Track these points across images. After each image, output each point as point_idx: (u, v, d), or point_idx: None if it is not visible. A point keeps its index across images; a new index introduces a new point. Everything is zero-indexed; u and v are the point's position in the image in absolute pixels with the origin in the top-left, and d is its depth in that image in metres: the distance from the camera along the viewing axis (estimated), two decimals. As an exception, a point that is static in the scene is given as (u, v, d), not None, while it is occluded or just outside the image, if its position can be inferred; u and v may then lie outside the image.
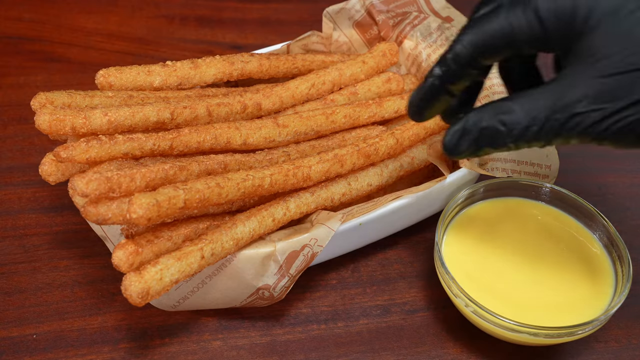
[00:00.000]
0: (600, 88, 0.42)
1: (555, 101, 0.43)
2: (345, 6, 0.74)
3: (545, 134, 0.44)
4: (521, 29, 0.44)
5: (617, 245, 0.57)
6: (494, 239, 0.59)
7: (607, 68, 0.42)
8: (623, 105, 0.42)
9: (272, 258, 0.53)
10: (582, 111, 0.42)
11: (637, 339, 0.59)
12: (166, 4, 0.93)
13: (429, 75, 0.48)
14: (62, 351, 0.55)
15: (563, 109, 0.43)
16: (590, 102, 0.42)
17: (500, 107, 0.45)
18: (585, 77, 0.42)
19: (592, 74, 0.42)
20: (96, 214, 0.47)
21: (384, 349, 0.57)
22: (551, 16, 0.43)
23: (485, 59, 0.46)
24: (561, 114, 0.43)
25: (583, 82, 0.42)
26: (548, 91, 0.44)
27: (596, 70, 0.42)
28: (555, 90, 0.44)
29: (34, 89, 0.78)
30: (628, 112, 0.42)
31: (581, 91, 0.42)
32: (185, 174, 0.53)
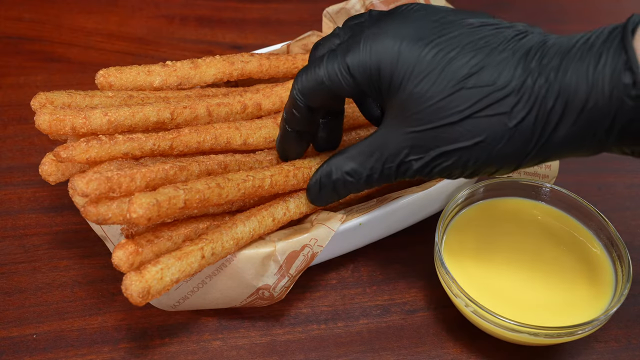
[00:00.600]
0: (413, 142, 0.48)
1: (383, 153, 0.50)
2: (345, 6, 0.74)
3: (388, 177, 0.51)
4: (338, 81, 0.49)
5: (617, 245, 0.57)
6: (494, 239, 0.59)
7: (414, 124, 0.47)
8: (435, 155, 0.47)
9: (272, 258, 0.53)
10: (406, 160, 0.49)
11: (637, 339, 0.59)
12: (166, 4, 0.93)
13: (282, 120, 0.55)
14: (62, 351, 0.55)
15: (391, 159, 0.49)
16: (409, 153, 0.48)
17: (341, 164, 0.52)
18: (401, 131, 0.48)
19: (405, 130, 0.48)
20: (96, 213, 0.47)
21: (384, 349, 0.57)
22: (360, 73, 0.48)
23: (315, 102, 0.52)
24: (390, 163, 0.50)
25: (400, 136, 0.48)
26: (375, 144, 0.50)
27: (407, 126, 0.48)
28: (381, 144, 0.50)
29: (34, 89, 0.78)
30: (441, 160, 0.47)
31: (401, 144, 0.48)
32: (185, 174, 0.53)
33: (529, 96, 0.44)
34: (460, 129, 0.46)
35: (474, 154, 0.46)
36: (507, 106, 0.44)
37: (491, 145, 0.45)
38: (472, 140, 0.46)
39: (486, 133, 0.45)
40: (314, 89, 0.50)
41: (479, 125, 0.45)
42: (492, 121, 0.45)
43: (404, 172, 0.50)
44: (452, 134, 0.46)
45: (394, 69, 0.47)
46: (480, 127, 0.45)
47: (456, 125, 0.46)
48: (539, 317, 0.53)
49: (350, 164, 0.52)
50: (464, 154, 0.46)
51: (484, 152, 0.46)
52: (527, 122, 0.44)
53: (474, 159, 0.46)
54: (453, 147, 0.46)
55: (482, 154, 0.46)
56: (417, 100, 0.46)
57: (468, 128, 0.45)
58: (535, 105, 0.44)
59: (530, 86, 0.44)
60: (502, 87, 0.44)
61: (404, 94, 0.47)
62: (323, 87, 0.50)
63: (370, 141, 0.51)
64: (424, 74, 0.46)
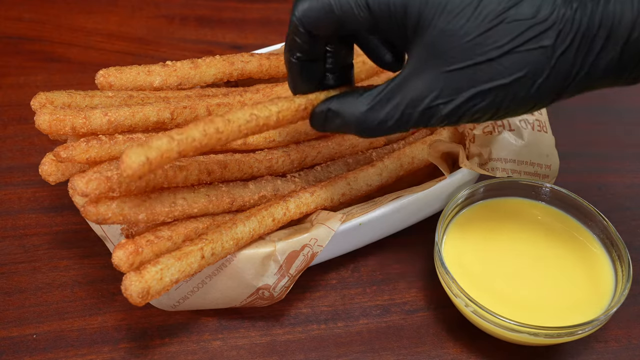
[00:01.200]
0: (444, 83, 0.45)
1: (405, 97, 0.46)
2: (345, 6, 0.74)
3: (404, 124, 0.47)
4: (352, 13, 0.46)
5: (617, 245, 0.57)
6: (494, 239, 0.59)
7: (447, 64, 0.44)
8: (468, 96, 0.44)
9: (272, 258, 0.53)
10: (433, 105, 0.45)
11: (637, 339, 0.59)
12: (166, 4, 0.93)
13: (285, 59, 0.51)
14: (62, 351, 0.55)
15: (413, 104, 0.46)
16: (438, 95, 0.45)
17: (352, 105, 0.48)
18: (430, 73, 0.45)
19: (435, 71, 0.45)
20: (96, 213, 0.47)
21: (384, 349, 0.57)
22: (380, 9, 0.45)
23: (317, 31, 0.48)
24: (412, 109, 0.46)
25: (429, 78, 0.45)
26: (396, 89, 0.46)
27: (437, 66, 0.45)
28: (403, 88, 0.46)
29: (34, 89, 0.78)
30: (475, 101, 0.45)
31: (429, 87, 0.45)
32: (185, 174, 0.53)
33: (571, 27, 0.42)
34: (499, 66, 0.43)
35: (512, 90, 0.44)
36: (549, 39, 0.43)
37: (531, 80, 0.44)
38: (511, 76, 0.43)
39: (527, 68, 0.43)
40: (319, 17, 0.47)
41: (520, 60, 0.43)
42: (534, 55, 0.43)
43: (429, 118, 0.46)
44: (490, 72, 0.44)
45: (423, 6, 0.44)
46: (521, 62, 0.43)
47: (494, 62, 0.43)
48: (539, 317, 0.53)
49: (363, 107, 0.48)
50: (501, 92, 0.44)
51: (523, 88, 0.44)
52: (568, 54, 0.43)
53: (511, 97, 0.44)
54: (490, 86, 0.44)
55: (520, 90, 0.44)
56: (451, 38, 0.44)
57: (507, 64, 0.43)
58: (577, 36, 0.42)
59: (571, 17, 0.42)
60: (544, 19, 0.42)
61: (434, 31, 0.44)
62: (330, 17, 0.47)
63: (390, 86, 0.47)
64: (458, 9, 0.43)
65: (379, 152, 0.64)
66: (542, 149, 0.63)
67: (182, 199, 0.52)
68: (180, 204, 0.51)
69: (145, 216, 0.49)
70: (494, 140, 0.61)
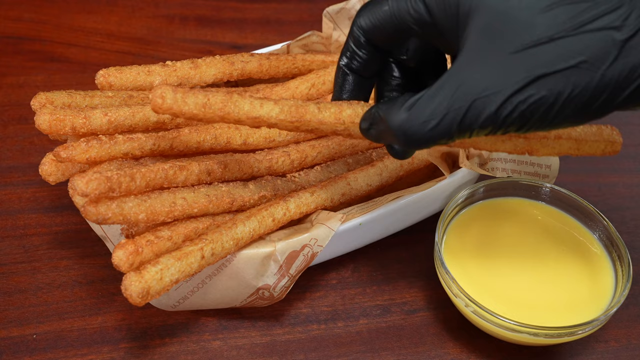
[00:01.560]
0: (498, 69, 0.40)
1: (453, 89, 0.41)
2: (345, 6, 0.74)
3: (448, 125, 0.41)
4: (408, 12, 0.44)
5: (617, 245, 0.57)
6: (494, 239, 0.59)
7: (502, 47, 0.40)
8: (524, 84, 0.40)
9: (272, 258, 0.53)
10: (482, 95, 0.40)
11: (637, 339, 0.59)
12: (166, 4, 0.93)
13: (338, 67, 0.49)
14: (62, 351, 0.55)
15: (462, 96, 0.40)
16: (489, 84, 0.40)
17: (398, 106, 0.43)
18: (483, 59, 0.40)
19: (490, 55, 0.40)
20: (96, 213, 0.47)
21: (384, 349, 0.57)
22: (436, 2, 0.43)
23: (379, 41, 0.47)
24: (461, 102, 0.41)
25: (481, 64, 0.40)
26: (445, 82, 0.42)
27: (492, 50, 0.40)
28: (452, 80, 0.41)
29: (34, 89, 0.78)
30: (529, 92, 0.40)
31: (480, 75, 0.40)
32: (185, 173, 0.53)
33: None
34: (558, 49, 0.39)
35: (573, 78, 0.39)
36: (617, 18, 0.39)
37: (595, 66, 0.39)
38: (572, 60, 0.39)
39: (590, 50, 0.39)
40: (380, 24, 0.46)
41: (583, 41, 0.39)
42: (599, 36, 0.39)
43: (477, 114, 0.40)
44: (548, 55, 0.39)
45: None
46: (584, 44, 0.39)
47: (553, 44, 0.39)
48: (539, 317, 0.53)
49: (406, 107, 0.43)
50: (561, 80, 0.39)
51: (586, 75, 0.39)
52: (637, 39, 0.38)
53: (571, 87, 0.39)
54: (548, 70, 0.39)
55: (582, 78, 0.39)
56: (507, 17, 0.40)
57: (568, 46, 0.39)
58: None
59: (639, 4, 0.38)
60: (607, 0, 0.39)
61: (490, 12, 0.40)
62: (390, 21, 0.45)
63: (437, 82, 0.42)
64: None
65: (379, 152, 0.64)
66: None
67: (182, 199, 0.52)
68: (180, 204, 0.51)
69: (145, 216, 0.49)
70: (494, 140, 0.61)
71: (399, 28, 0.45)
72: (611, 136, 0.54)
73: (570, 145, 0.52)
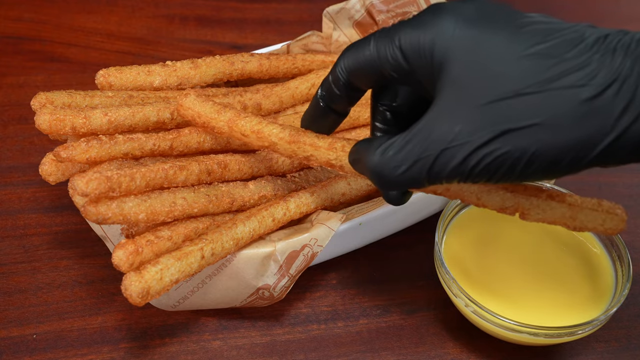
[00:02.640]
0: (466, 120, 0.40)
1: (424, 137, 0.42)
2: (345, 6, 0.74)
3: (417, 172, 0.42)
4: (387, 59, 0.45)
5: (617, 245, 0.57)
6: (494, 239, 0.59)
7: (470, 99, 0.41)
8: (489, 138, 0.40)
9: (272, 258, 0.53)
10: (450, 146, 0.41)
11: (637, 339, 0.59)
12: (166, 4, 0.93)
13: (314, 96, 0.51)
14: (62, 351, 0.55)
15: (432, 145, 0.41)
16: (457, 135, 0.41)
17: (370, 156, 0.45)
18: (452, 110, 0.41)
19: (458, 107, 0.41)
20: (96, 213, 0.47)
21: (384, 349, 0.57)
22: (412, 51, 0.43)
23: (359, 83, 0.48)
24: (430, 150, 0.42)
25: (450, 116, 0.41)
26: (417, 130, 0.42)
27: (461, 103, 0.41)
28: (424, 128, 0.42)
29: (34, 89, 0.78)
30: (495, 146, 0.40)
31: (447, 125, 0.41)
32: (185, 173, 0.53)
33: (609, 71, 0.38)
34: (523, 105, 0.39)
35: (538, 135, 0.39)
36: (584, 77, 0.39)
37: (559, 125, 0.39)
38: (536, 118, 0.39)
39: (555, 108, 0.39)
40: (363, 67, 0.46)
41: (548, 99, 0.39)
42: (564, 94, 0.39)
43: (445, 162, 0.41)
44: (513, 110, 0.39)
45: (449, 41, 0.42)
46: (549, 102, 0.39)
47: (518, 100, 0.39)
48: (539, 317, 0.53)
49: (379, 151, 0.44)
50: (525, 137, 0.39)
51: (550, 134, 0.39)
52: (605, 96, 0.38)
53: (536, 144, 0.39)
54: (513, 126, 0.39)
55: (546, 136, 0.39)
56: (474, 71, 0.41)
57: (533, 103, 0.39)
58: (619, 79, 0.38)
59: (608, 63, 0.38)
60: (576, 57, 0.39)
61: (460, 65, 0.41)
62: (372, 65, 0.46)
63: (410, 129, 0.43)
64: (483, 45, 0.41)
65: (379, 152, 0.64)
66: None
67: (182, 199, 0.52)
68: (180, 204, 0.51)
69: (145, 216, 0.49)
70: (494, 140, 0.61)
71: (380, 74, 0.46)
72: (612, 208, 0.48)
73: (563, 212, 0.48)
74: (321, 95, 0.51)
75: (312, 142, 0.50)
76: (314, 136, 0.51)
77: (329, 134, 0.53)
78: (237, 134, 0.53)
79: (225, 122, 0.53)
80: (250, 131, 0.52)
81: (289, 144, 0.51)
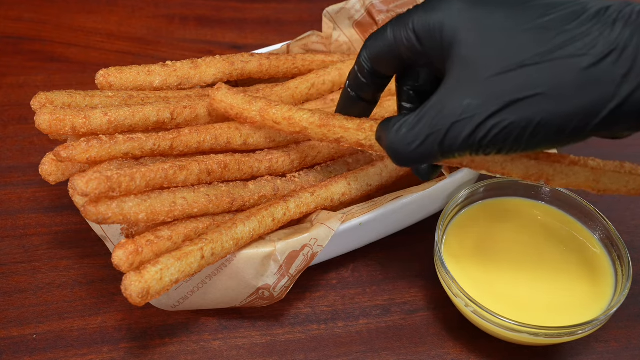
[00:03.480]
0: (475, 94, 0.42)
1: (435, 113, 0.44)
2: (345, 6, 0.74)
3: (429, 147, 0.44)
4: (403, 43, 0.47)
5: (617, 245, 0.57)
6: (494, 239, 0.59)
7: (478, 73, 0.43)
8: (495, 110, 0.42)
9: (272, 258, 0.53)
10: (460, 119, 0.43)
11: (637, 339, 0.59)
12: (166, 4, 0.93)
13: (344, 86, 0.54)
14: (62, 351, 0.55)
15: (442, 120, 0.44)
16: (465, 109, 0.43)
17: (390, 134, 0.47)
18: (462, 86, 0.43)
19: (467, 82, 0.43)
20: (96, 213, 0.47)
21: (384, 349, 0.57)
22: (424, 33, 0.46)
23: (382, 69, 0.51)
24: (441, 125, 0.44)
25: (460, 91, 0.43)
26: (429, 106, 0.45)
27: (469, 78, 0.43)
28: (435, 104, 0.44)
29: (34, 89, 0.78)
30: (502, 117, 0.42)
31: (459, 100, 0.43)
32: (185, 173, 0.53)
33: (607, 41, 0.40)
34: (526, 76, 0.41)
35: (541, 106, 0.41)
36: (583, 47, 0.40)
37: (561, 94, 0.41)
38: (539, 88, 0.41)
39: (556, 78, 0.41)
40: (384, 53, 0.49)
41: (550, 69, 0.41)
42: (565, 64, 0.40)
43: (455, 136, 0.43)
44: (517, 82, 0.41)
45: (457, 22, 0.44)
46: (551, 72, 0.41)
47: (521, 71, 0.41)
48: (539, 317, 0.53)
49: (395, 128, 0.46)
50: (530, 107, 0.41)
51: (553, 103, 0.41)
52: (604, 65, 0.40)
53: (540, 114, 0.41)
54: (517, 97, 0.41)
55: (550, 106, 0.41)
56: (479, 47, 0.43)
57: (535, 74, 0.41)
58: (617, 49, 0.40)
59: (607, 33, 0.40)
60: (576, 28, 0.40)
61: (468, 42, 0.43)
62: (393, 51, 0.48)
63: (423, 106, 0.45)
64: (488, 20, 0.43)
65: (379, 152, 0.64)
66: (542, 149, 0.63)
67: (182, 199, 0.52)
68: (180, 204, 0.51)
69: (145, 216, 0.49)
70: (494, 140, 0.61)
71: (399, 57, 0.49)
72: (635, 169, 0.50)
73: (587, 176, 0.49)
74: (349, 85, 0.53)
75: (342, 124, 0.53)
76: (343, 119, 0.53)
77: None
78: (269, 122, 0.55)
79: (257, 111, 0.55)
80: (282, 118, 0.54)
81: (319, 128, 0.53)
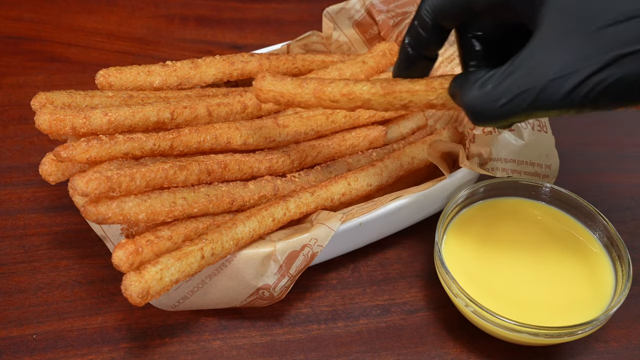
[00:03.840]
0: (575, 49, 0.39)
1: (527, 69, 0.40)
2: (345, 6, 0.74)
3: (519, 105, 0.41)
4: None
5: (617, 245, 0.57)
6: (494, 239, 0.59)
7: (578, 25, 0.39)
8: (601, 65, 0.38)
9: (272, 258, 0.53)
10: (558, 76, 0.39)
11: (637, 339, 0.59)
12: (166, 4, 0.93)
13: (402, 45, 0.50)
14: (62, 351, 0.55)
15: (537, 76, 0.40)
16: (565, 65, 0.39)
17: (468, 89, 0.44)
18: (558, 39, 0.39)
19: (565, 35, 0.39)
20: (96, 213, 0.47)
21: (384, 349, 0.57)
22: None
23: (446, 22, 0.47)
24: (535, 82, 0.40)
25: (556, 44, 0.39)
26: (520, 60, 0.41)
27: (567, 30, 0.39)
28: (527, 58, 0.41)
29: (34, 89, 0.78)
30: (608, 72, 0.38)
31: (554, 54, 0.39)
32: (185, 173, 0.53)
33: None
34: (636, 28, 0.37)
35: None
36: None
37: None
38: None
39: None
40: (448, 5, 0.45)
41: None
42: None
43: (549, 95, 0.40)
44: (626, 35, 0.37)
45: None
46: None
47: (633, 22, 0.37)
48: (539, 317, 0.53)
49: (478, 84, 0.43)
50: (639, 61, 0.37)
51: None
52: None
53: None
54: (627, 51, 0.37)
55: None
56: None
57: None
58: None
59: None
60: None
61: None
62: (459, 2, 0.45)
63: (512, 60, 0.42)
64: None
65: (379, 152, 0.64)
66: (542, 149, 0.63)
67: (182, 199, 0.52)
68: (180, 204, 0.51)
69: (145, 216, 0.49)
70: (494, 140, 0.61)
71: (468, 8, 0.45)
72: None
73: None
74: (409, 42, 0.49)
75: (408, 88, 0.49)
76: (407, 82, 0.49)
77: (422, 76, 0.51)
78: (325, 102, 0.52)
79: (310, 93, 0.52)
80: (340, 95, 0.51)
81: (383, 97, 0.50)
